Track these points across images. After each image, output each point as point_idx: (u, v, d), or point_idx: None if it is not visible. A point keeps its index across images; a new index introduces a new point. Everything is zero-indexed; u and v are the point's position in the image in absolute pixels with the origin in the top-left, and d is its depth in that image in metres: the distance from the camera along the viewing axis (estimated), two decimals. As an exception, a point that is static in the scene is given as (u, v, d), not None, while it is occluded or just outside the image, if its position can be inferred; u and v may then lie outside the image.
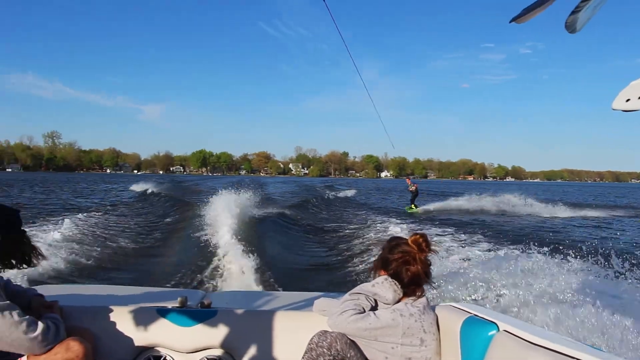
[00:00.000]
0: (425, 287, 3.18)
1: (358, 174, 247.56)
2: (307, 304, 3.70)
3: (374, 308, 3.12)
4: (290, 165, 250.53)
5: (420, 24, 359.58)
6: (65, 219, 17.15)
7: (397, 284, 3.10)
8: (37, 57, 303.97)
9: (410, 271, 3.08)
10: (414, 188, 31.53)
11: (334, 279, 10.75)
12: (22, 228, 2.96)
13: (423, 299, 3.12)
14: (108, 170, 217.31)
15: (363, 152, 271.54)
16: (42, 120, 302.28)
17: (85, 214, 20.39)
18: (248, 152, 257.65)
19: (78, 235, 14.02)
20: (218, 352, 3.33)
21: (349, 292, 3.21)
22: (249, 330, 3.35)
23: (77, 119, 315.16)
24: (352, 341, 2.99)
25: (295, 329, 3.36)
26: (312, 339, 2.99)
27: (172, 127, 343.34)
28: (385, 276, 3.15)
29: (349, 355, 2.91)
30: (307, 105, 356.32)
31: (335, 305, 3.22)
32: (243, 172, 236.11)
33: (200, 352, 3.33)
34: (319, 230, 19.45)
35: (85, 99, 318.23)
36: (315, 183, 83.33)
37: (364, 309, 3.08)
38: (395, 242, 3.21)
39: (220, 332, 3.33)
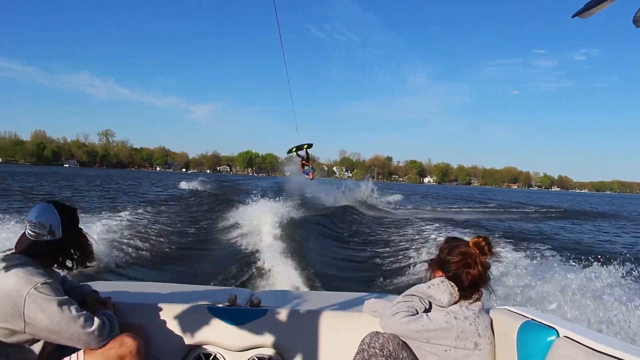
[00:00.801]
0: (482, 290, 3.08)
1: (401, 179, 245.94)
2: (355, 305, 3.65)
3: (427, 310, 3.04)
4: (334, 168, 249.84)
5: (472, 29, 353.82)
6: (117, 215, 17.32)
7: (455, 286, 3.01)
8: (92, 57, 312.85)
9: (470, 274, 3.00)
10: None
11: (379, 280, 10.63)
12: (79, 226, 3.01)
13: (479, 302, 3.03)
14: (158, 168, 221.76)
15: (407, 157, 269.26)
16: (96, 118, 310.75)
17: (134, 211, 20.62)
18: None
19: (128, 232, 14.16)
20: (268, 351, 3.32)
21: (403, 294, 3.14)
22: (298, 329, 3.33)
23: (129, 118, 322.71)
24: (405, 342, 2.93)
25: (344, 329, 3.33)
26: (363, 339, 2.95)
27: (219, 128, 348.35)
28: (442, 278, 3.06)
29: (401, 356, 2.86)
30: (352, 109, 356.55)
31: (387, 306, 3.16)
32: (288, 174, 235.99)
33: (250, 350, 3.32)
34: (363, 232, 19.27)
35: (138, 98, 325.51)
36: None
37: (417, 310, 3.01)
38: (454, 244, 3.12)
39: (270, 331, 3.31)
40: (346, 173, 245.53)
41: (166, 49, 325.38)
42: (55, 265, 2.95)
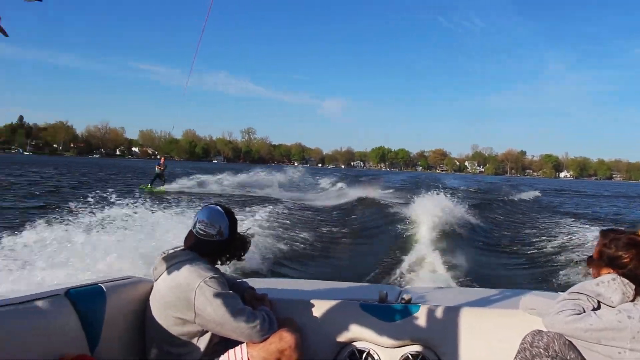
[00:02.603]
0: None
1: (535, 174, 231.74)
2: (509, 302, 3.54)
3: (595, 310, 2.74)
4: (466, 163, 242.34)
5: (615, 9, 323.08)
6: (260, 210, 17.54)
7: (630, 284, 2.70)
8: (229, 57, 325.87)
9: None
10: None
11: (532, 276, 10.18)
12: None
13: None
14: (295, 164, 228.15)
15: (541, 151, 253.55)
16: (235, 116, 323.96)
17: (278, 206, 20.84)
18: (424, 149, 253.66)
19: (272, 227, 14.25)
20: (421, 348, 3.23)
21: (568, 291, 2.87)
22: (452, 327, 3.22)
23: (264, 115, 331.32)
24: (571, 343, 2.68)
25: (500, 327, 3.17)
26: (524, 338, 2.76)
27: (351, 123, 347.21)
28: (614, 275, 2.75)
29: (568, 357, 2.63)
30: (484, 101, 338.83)
31: (548, 304, 2.93)
32: (419, 169, 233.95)
33: (403, 347, 3.24)
34: (510, 228, 18.58)
35: (271, 96, 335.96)
36: (498, 181, 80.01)
37: (583, 309, 2.72)
38: (618, 236, 2.81)
39: (422, 328, 3.23)
40: (478, 168, 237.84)
41: (294, 44, 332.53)
42: (219, 263, 3.14)
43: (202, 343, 2.90)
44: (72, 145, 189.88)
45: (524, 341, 2.76)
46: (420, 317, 3.25)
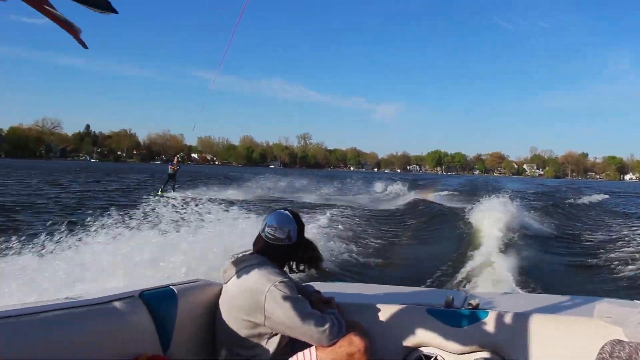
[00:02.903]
0: None
1: (598, 176, 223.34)
2: (581, 309, 3.35)
3: None
4: (525, 166, 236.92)
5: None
6: (323, 214, 17.51)
7: None
8: (284, 63, 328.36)
9: None
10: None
11: (603, 282, 9.80)
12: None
13: None
14: (352, 168, 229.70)
15: (604, 153, 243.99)
16: (290, 121, 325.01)
17: (339, 210, 20.81)
18: (481, 152, 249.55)
19: (334, 232, 14.16)
20: (489, 355, 3.12)
21: None
22: (522, 334, 3.08)
23: (319, 119, 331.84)
24: None
25: (573, 335, 2.99)
26: (603, 347, 2.58)
27: (406, 127, 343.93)
28: None
29: None
30: (542, 103, 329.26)
31: (629, 312, 2.73)
32: (476, 172, 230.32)
33: (471, 354, 3.14)
34: (576, 231, 17.98)
35: (326, 100, 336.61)
36: (559, 184, 77.52)
37: None
38: None
39: (491, 335, 3.12)
40: (537, 171, 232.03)
41: (347, 49, 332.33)
42: (286, 268, 3.12)
43: (271, 345, 2.90)
44: (135, 152, 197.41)
45: (602, 351, 2.60)
46: (489, 323, 3.16)
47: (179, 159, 34.43)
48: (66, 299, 2.45)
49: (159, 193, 28.10)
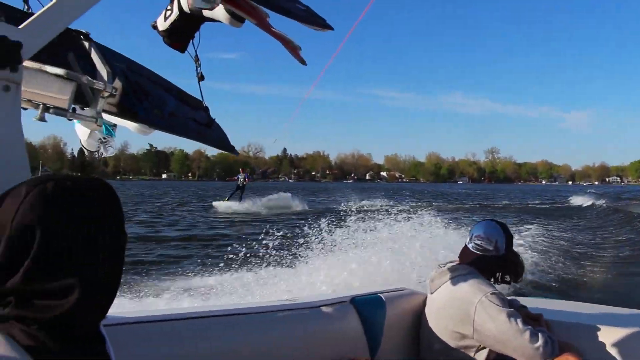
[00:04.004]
0: None
1: None
2: None
3: None
4: None
5: None
6: (526, 227, 16.91)
7: None
8: (464, 77, 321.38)
9: None
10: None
11: None
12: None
13: None
14: (543, 182, 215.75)
15: None
16: (476, 135, 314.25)
17: (543, 224, 19.93)
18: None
19: (538, 246, 13.43)
20: None
21: None
22: None
23: (507, 133, 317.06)
24: None
25: None
26: None
27: (601, 135, 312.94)
28: None
29: None
30: None
31: None
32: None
33: None
34: None
35: (511, 111, 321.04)
36: None
37: None
38: None
39: None
40: None
41: (534, 56, 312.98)
42: (492, 280, 2.93)
43: (479, 358, 2.75)
44: (327, 172, 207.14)
45: None
46: None
47: (248, 174, 35.86)
48: (286, 300, 2.64)
49: (226, 200, 30.23)
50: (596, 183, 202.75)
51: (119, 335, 1.69)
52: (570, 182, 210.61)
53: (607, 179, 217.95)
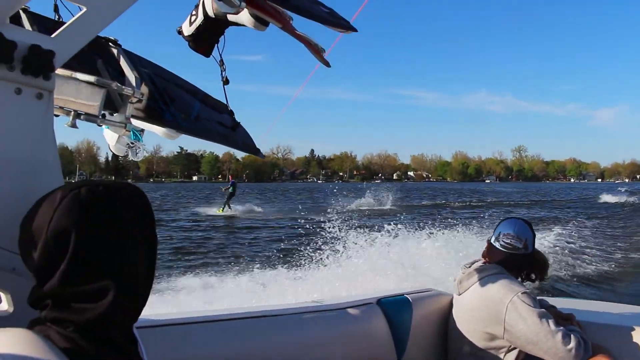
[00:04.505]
0: None
1: None
2: None
3: None
4: None
5: None
6: (553, 229, 16.70)
7: None
8: (488, 74, 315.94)
9: None
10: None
11: None
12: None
13: None
14: (572, 180, 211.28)
15: None
16: (503, 133, 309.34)
17: (570, 225, 19.53)
18: None
19: (568, 246, 13.23)
20: None
21: None
22: None
23: (534, 131, 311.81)
24: None
25: None
26: None
27: (632, 132, 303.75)
28: None
29: None
30: None
31: None
32: None
33: None
34: None
35: (537, 109, 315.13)
36: None
37: None
38: None
39: None
40: None
41: (561, 53, 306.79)
42: (519, 279, 2.86)
43: (508, 359, 2.70)
44: (355, 173, 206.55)
45: None
46: None
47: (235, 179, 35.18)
48: (312, 302, 2.61)
49: (222, 210, 30.28)
50: (627, 180, 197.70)
51: (150, 337, 1.70)
52: (599, 180, 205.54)
53: (637, 176, 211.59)
